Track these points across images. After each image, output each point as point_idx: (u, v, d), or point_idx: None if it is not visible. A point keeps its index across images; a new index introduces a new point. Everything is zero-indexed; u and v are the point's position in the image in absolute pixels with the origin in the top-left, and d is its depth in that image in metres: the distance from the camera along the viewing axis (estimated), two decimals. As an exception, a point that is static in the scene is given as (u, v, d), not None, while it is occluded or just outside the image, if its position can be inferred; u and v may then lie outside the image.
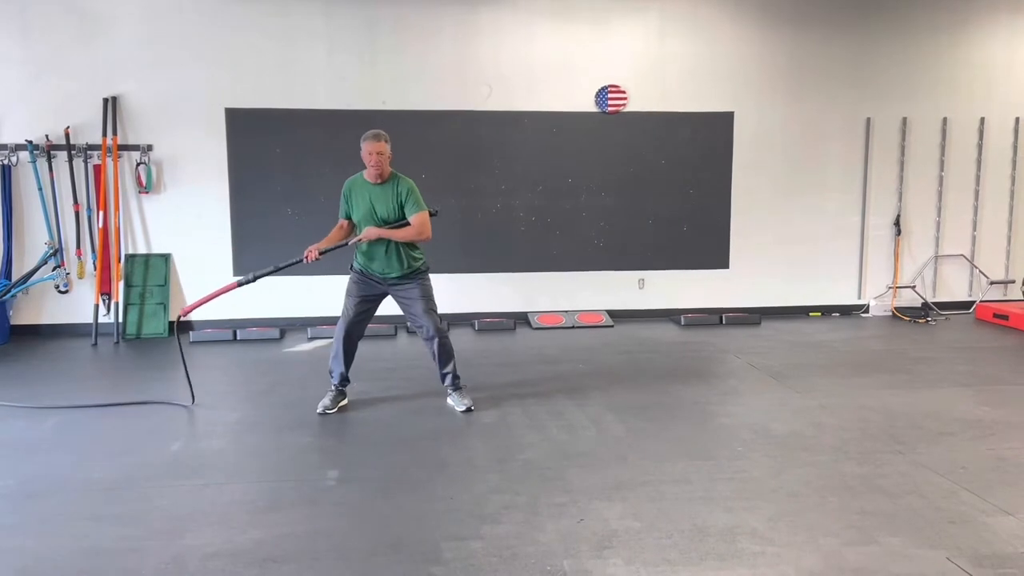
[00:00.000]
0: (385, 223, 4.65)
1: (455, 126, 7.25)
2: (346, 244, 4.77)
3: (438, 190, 6.75)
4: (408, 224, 4.64)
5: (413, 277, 4.76)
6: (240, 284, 4.90)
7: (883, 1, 7.65)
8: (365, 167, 4.65)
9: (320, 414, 4.72)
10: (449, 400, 4.91)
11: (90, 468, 3.92)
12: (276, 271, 4.87)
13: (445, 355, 4.86)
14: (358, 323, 4.83)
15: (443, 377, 4.92)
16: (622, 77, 7.41)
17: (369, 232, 4.62)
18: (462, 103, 7.24)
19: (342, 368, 4.83)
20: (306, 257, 4.68)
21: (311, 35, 7.02)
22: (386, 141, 4.59)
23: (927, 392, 5.22)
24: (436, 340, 4.80)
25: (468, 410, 4.77)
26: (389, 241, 4.65)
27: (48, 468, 3.93)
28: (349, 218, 4.80)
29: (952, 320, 7.73)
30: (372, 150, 4.54)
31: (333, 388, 4.85)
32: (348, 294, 4.83)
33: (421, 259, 4.81)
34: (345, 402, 4.88)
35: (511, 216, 7.45)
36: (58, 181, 6.86)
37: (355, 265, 4.83)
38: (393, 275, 4.72)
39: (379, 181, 4.67)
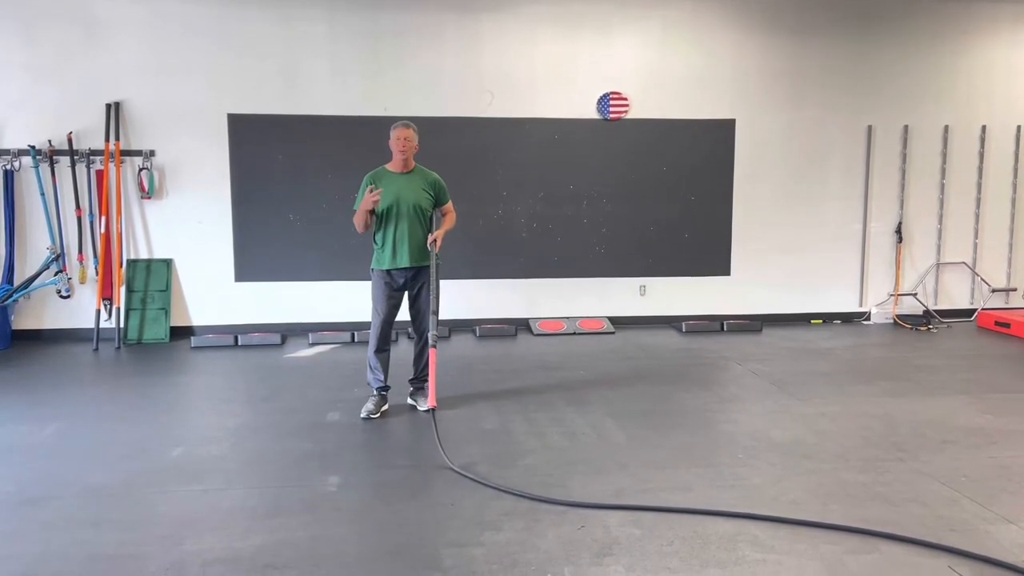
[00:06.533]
0: (419, 209, 4.75)
1: (457, 132, 7.26)
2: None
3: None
4: (445, 214, 4.93)
5: (429, 263, 4.85)
6: (434, 344, 4.68)
7: (884, 9, 7.67)
8: (370, 166, 4.82)
9: (364, 418, 4.75)
10: (413, 400, 5.00)
11: (90, 473, 3.92)
12: (437, 285, 4.79)
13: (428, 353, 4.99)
14: (392, 321, 4.87)
15: (421, 378, 4.96)
16: (624, 84, 7.42)
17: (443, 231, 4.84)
18: (464, 110, 7.25)
19: (382, 373, 4.88)
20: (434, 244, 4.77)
21: (314, 41, 7.03)
22: (414, 131, 4.76)
23: (929, 400, 5.21)
24: (428, 340, 4.92)
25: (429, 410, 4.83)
26: (420, 228, 4.76)
27: (48, 473, 3.92)
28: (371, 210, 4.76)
29: (954, 328, 7.73)
30: (400, 135, 4.72)
31: (376, 393, 4.88)
32: (377, 299, 4.84)
33: None
34: (387, 407, 4.91)
35: (513, 222, 7.46)
36: (60, 186, 6.86)
37: (381, 267, 4.80)
38: (424, 262, 4.78)
39: (404, 170, 4.79)
